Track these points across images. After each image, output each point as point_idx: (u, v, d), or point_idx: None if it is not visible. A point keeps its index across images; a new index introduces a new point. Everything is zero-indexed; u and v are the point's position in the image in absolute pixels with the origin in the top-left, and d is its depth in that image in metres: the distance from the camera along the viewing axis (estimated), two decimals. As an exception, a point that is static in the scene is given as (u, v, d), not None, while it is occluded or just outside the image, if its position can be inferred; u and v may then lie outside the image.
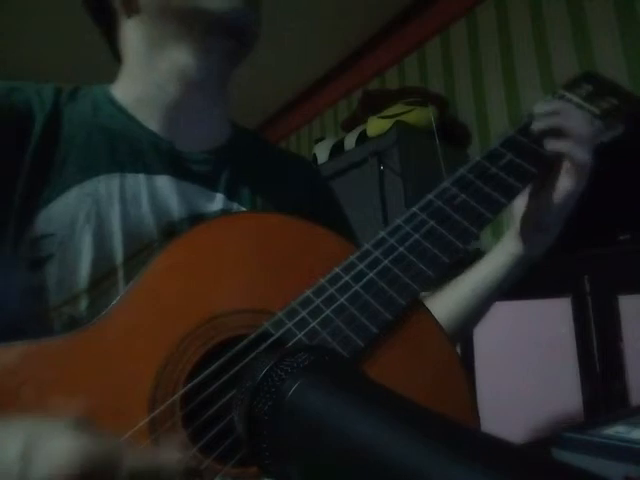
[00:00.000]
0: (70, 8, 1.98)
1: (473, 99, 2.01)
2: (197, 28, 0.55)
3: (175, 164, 0.55)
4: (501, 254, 0.60)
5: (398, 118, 1.83)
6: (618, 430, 0.50)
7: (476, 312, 0.62)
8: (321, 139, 2.30)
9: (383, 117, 1.88)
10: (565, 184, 0.52)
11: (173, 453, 0.30)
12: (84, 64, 2.18)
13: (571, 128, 0.51)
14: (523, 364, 1.14)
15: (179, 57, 0.56)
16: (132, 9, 0.56)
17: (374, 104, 2.00)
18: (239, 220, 0.50)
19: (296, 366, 0.25)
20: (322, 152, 2.13)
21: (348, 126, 2.18)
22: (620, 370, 1.11)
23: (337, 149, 2.06)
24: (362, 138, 1.93)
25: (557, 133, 0.52)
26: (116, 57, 0.62)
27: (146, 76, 0.57)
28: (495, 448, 0.18)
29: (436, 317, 0.46)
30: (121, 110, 0.57)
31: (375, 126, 1.87)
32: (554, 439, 0.49)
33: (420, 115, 1.85)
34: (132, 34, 0.57)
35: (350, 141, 2.00)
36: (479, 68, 2.00)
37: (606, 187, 0.52)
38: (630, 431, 0.49)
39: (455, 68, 2.10)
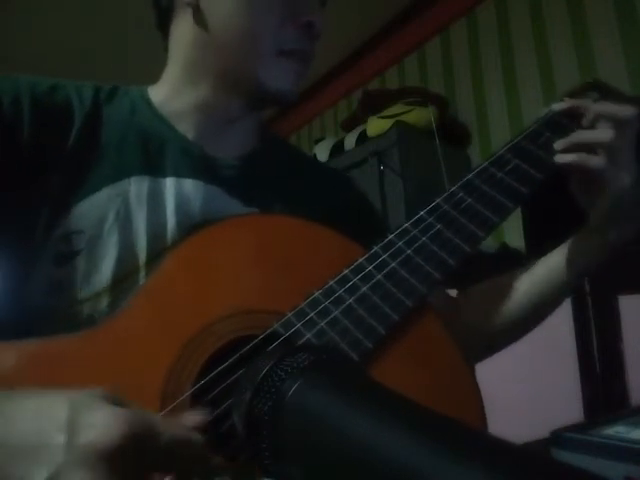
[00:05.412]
0: (70, 8, 1.98)
1: (473, 99, 2.01)
2: (247, 89, 0.57)
3: (204, 168, 0.56)
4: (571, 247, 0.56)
5: (398, 118, 1.82)
6: (618, 430, 0.50)
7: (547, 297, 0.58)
8: (321, 139, 2.30)
9: (383, 117, 1.88)
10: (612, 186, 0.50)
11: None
12: (84, 64, 2.18)
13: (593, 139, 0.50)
14: (523, 364, 1.14)
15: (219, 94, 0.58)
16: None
17: (374, 104, 2.00)
18: (249, 221, 0.50)
19: (296, 366, 0.25)
20: (322, 152, 2.13)
21: (348, 126, 2.18)
22: (620, 370, 1.11)
23: (337, 149, 2.06)
24: (362, 138, 1.93)
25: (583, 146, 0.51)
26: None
27: (185, 85, 0.58)
28: (495, 448, 0.18)
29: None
30: (156, 113, 0.58)
31: (375, 126, 1.87)
32: (554, 439, 0.49)
33: (420, 115, 1.85)
34: (183, 49, 0.58)
35: (350, 141, 1.99)
36: (479, 68, 1.99)
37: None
38: (630, 431, 0.49)
39: (455, 68, 2.10)
